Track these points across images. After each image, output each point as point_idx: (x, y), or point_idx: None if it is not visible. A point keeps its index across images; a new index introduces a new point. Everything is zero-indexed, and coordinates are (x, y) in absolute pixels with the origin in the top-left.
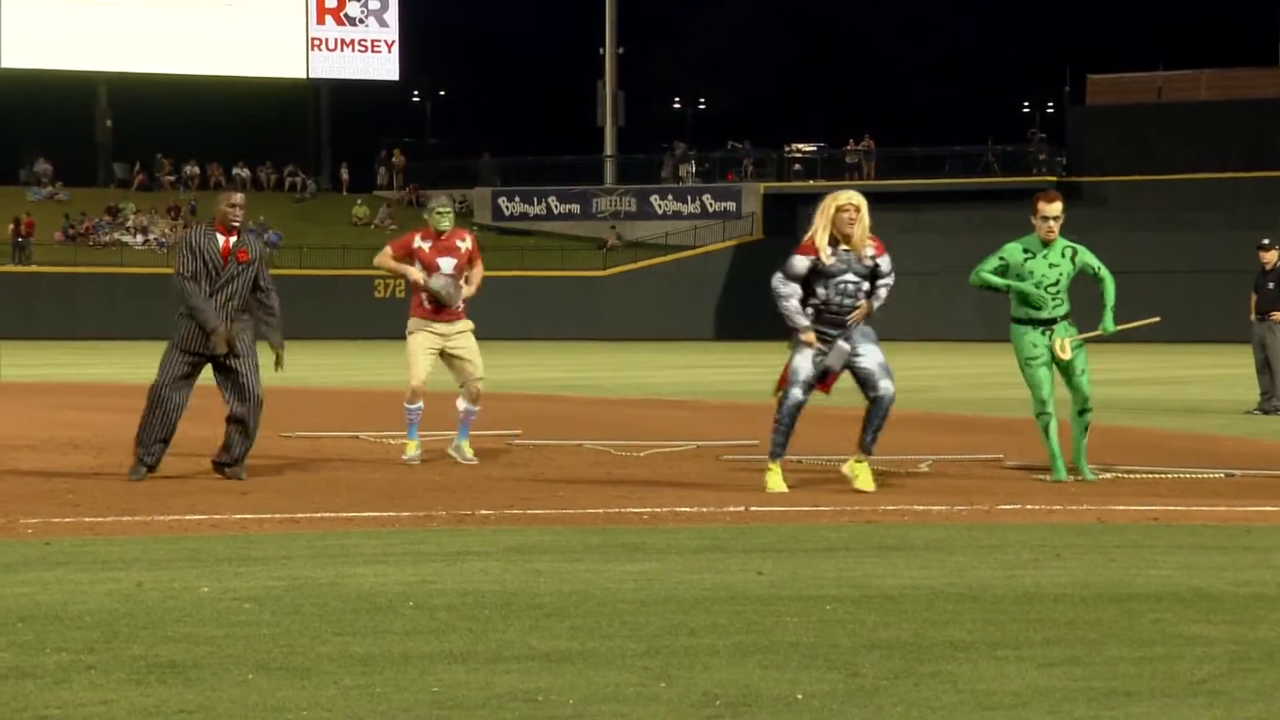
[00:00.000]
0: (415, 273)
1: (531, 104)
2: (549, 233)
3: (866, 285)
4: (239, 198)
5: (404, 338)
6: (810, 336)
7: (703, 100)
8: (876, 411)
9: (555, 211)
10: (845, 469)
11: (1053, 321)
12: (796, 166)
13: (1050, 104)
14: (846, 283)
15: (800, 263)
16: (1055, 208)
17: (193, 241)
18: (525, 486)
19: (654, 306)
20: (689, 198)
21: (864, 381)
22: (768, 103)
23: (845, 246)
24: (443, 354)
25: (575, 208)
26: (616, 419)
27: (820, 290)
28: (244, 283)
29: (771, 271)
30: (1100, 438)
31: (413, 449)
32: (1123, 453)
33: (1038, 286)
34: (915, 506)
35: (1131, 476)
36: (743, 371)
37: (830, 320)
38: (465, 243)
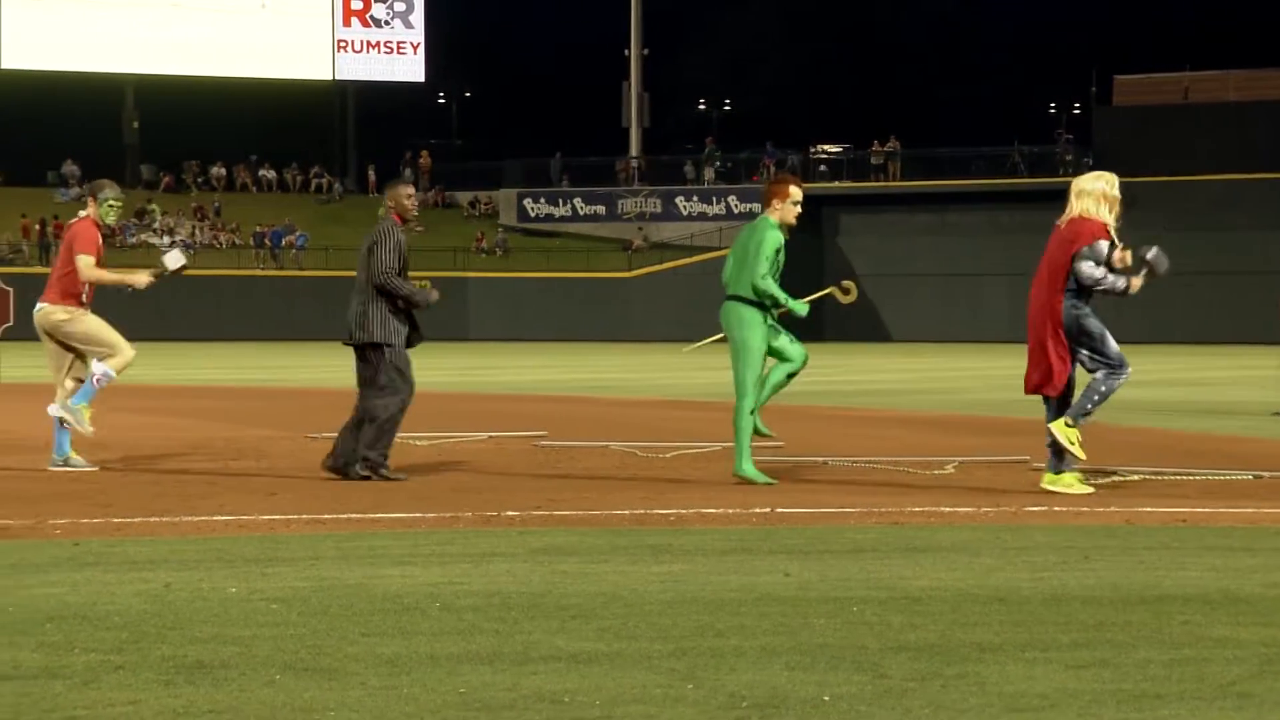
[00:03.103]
0: (143, 278)
1: (556, 105)
2: (574, 234)
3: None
4: (413, 189)
5: (435, 338)
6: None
7: (728, 101)
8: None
9: (580, 213)
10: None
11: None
12: (822, 168)
13: (1077, 105)
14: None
15: (1105, 245)
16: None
17: (399, 238)
18: (551, 488)
19: (679, 308)
20: (714, 199)
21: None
22: (793, 104)
23: None
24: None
25: (600, 209)
26: (642, 420)
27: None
28: None
29: (789, 272)
30: (1128, 439)
31: (89, 418)
32: (1151, 454)
33: (777, 273)
34: (942, 508)
35: (1160, 478)
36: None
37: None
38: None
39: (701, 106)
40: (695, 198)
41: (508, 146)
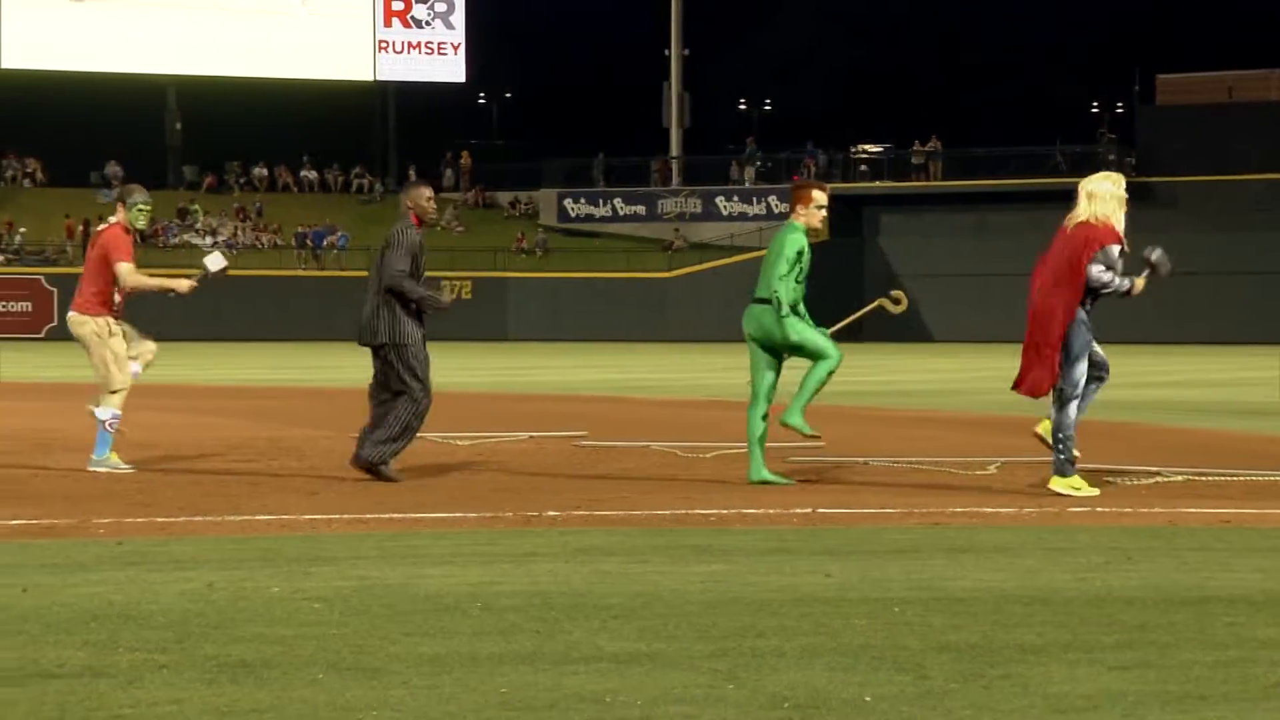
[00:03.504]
0: (185, 284)
1: (597, 105)
2: (614, 234)
3: None
4: (431, 190)
5: (475, 339)
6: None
7: (769, 102)
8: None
9: (620, 213)
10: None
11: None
12: (863, 168)
13: (1119, 104)
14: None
15: (1116, 250)
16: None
17: (411, 240)
18: (592, 488)
19: (719, 308)
20: (754, 199)
21: (1097, 364)
22: (834, 104)
23: None
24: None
25: (640, 209)
26: (683, 420)
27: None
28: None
29: (830, 272)
30: (1171, 439)
31: (117, 457)
32: (1194, 455)
33: (802, 276)
34: (984, 508)
35: (1203, 479)
36: None
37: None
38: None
39: (742, 106)
40: (736, 198)
41: (548, 147)
